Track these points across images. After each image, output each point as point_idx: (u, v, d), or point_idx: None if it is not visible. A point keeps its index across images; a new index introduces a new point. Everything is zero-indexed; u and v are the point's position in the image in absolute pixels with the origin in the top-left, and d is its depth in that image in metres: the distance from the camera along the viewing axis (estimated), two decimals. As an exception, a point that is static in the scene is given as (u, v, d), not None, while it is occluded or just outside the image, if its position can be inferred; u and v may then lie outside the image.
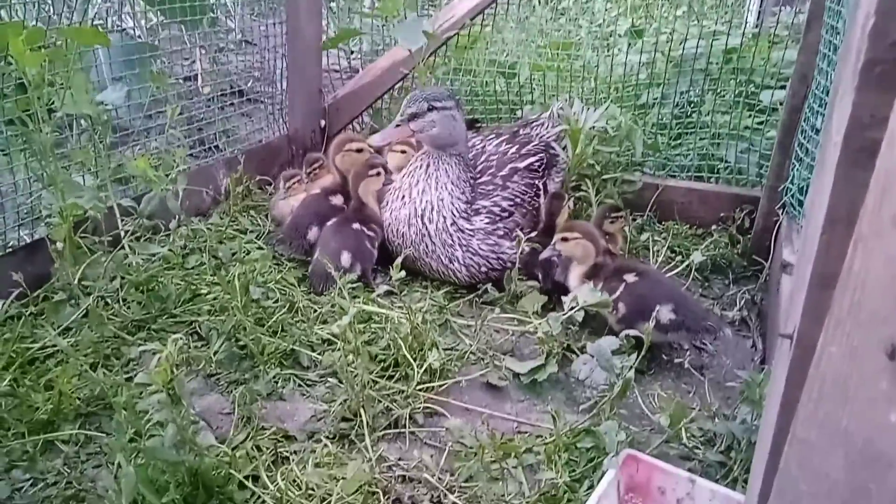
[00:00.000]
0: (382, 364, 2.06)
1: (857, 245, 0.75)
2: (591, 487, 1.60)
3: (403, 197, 2.54)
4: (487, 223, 2.53)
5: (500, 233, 2.53)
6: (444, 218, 2.49)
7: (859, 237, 0.75)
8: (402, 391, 1.96)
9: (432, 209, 2.49)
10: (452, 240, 2.48)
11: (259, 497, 1.63)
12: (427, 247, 2.50)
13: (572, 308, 2.14)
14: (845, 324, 0.76)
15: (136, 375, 1.90)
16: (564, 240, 2.30)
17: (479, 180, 2.62)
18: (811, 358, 0.82)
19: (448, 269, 2.51)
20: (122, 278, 2.23)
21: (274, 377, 2.00)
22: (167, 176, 2.28)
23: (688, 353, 2.12)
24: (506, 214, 2.56)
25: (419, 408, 1.93)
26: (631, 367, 1.80)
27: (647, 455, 1.62)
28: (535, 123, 2.95)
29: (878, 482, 0.71)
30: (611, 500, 1.58)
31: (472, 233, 2.50)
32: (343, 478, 1.63)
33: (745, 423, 1.68)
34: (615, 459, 1.61)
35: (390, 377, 2.02)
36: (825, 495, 0.77)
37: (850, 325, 0.76)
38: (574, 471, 1.68)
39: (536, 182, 2.69)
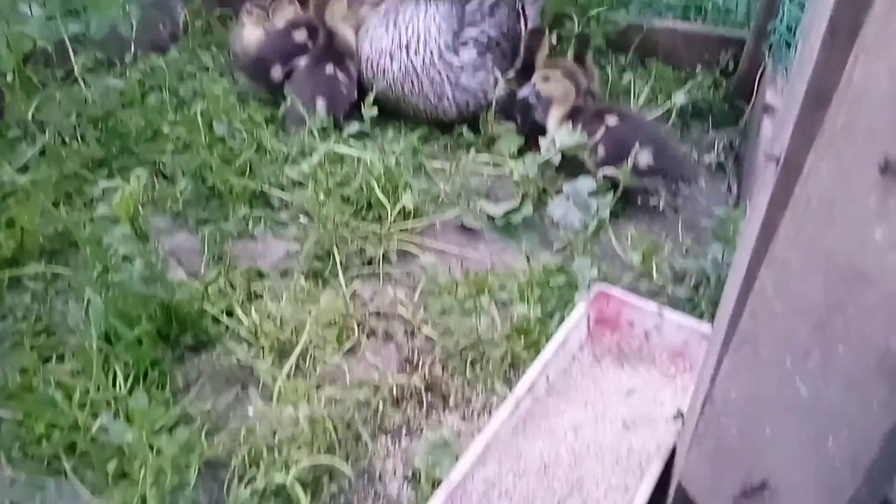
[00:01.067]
0: (355, 206, 2.02)
1: (858, 56, 0.71)
2: (562, 321, 1.63)
3: (386, 26, 2.36)
4: (476, 56, 2.39)
5: (489, 66, 2.40)
6: (432, 52, 2.33)
7: (862, 47, 0.70)
8: (376, 232, 1.94)
9: (419, 40, 2.32)
10: (441, 77, 2.35)
11: (233, 330, 1.64)
12: (412, 84, 2.36)
13: (549, 150, 2.10)
14: (837, 140, 0.73)
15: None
16: (545, 79, 2.21)
17: (466, 7, 2.44)
18: (797, 179, 0.79)
19: (437, 108, 2.39)
20: (78, 114, 2.12)
21: (244, 217, 1.96)
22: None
23: (663, 195, 2.11)
24: (494, 44, 2.42)
25: (393, 248, 1.92)
26: (606, 207, 1.78)
27: (618, 290, 1.65)
28: None
29: (855, 300, 0.71)
30: (581, 332, 1.62)
31: (460, 67, 2.37)
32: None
33: (716, 260, 1.70)
34: (586, 294, 1.63)
35: (363, 218, 2.00)
36: (800, 314, 0.77)
37: (842, 140, 0.73)
38: (546, 306, 1.70)
39: (517, 6, 2.53)
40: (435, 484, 1.35)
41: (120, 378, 1.48)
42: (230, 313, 1.68)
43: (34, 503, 1.32)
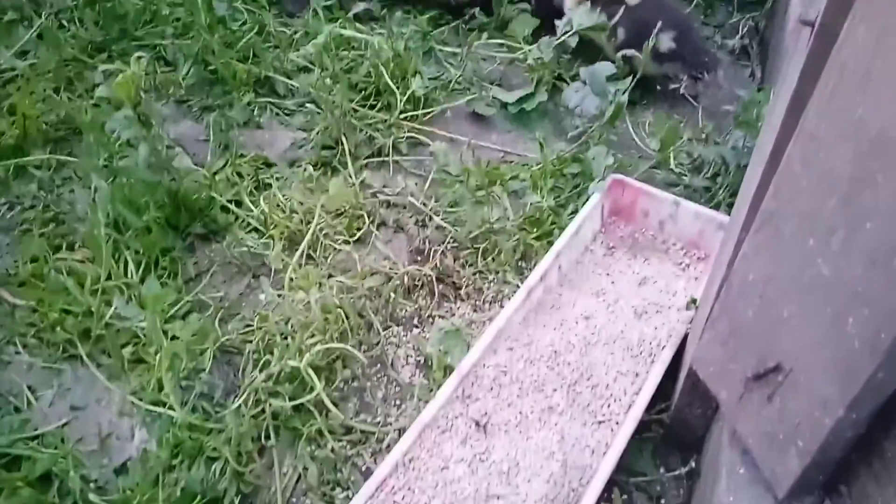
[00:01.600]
0: (363, 93, 1.96)
1: None
2: (576, 211, 1.60)
3: None
4: None
5: None
6: None
7: None
8: (385, 120, 1.88)
9: None
10: None
11: (243, 219, 1.63)
12: None
13: (566, 32, 2.00)
14: (877, 1, 0.67)
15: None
16: (561, -45, 2.08)
17: None
18: (832, 46, 0.74)
19: None
20: (74, -6, 2.04)
21: (249, 104, 1.91)
22: None
23: (683, 81, 2.02)
24: None
25: (402, 137, 1.87)
26: (624, 91, 1.71)
27: (634, 179, 1.60)
28: None
29: (886, 171, 0.67)
30: (594, 222, 1.59)
31: None
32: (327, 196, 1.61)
33: (736, 148, 1.65)
34: (601, 183, 1.59)
35: (372, 106, 1.93)
36: (827, 189, 0.73)
37: (882, 1, 0.67)
38: (559, 196, 1.67)
39: None
40: (446, 371, 1.36)
41: (131, 266, 1.48)
42: (239, 203, 1.66)
43: (52, 388, 1.35)
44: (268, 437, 1.28)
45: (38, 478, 1.18)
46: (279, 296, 1.46)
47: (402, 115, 1.89)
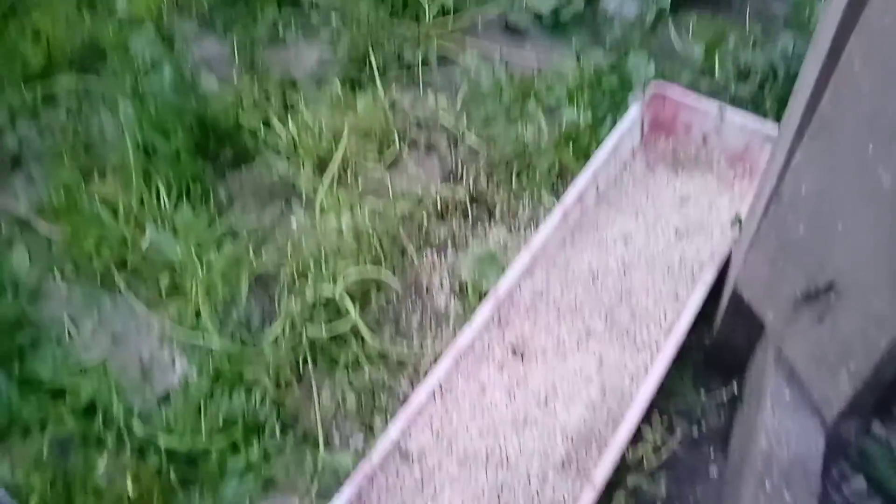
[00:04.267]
0: (390, 4, 1.87)
1: None
2: (614, 126, 1.53)
3: None
4: None
5: None
6: None
7: None
8: (413, 33, 1.80)
9: None
10: None
11: (272, 143, 1.59)
12: None
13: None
14: None
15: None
16: None
17: None
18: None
19: None
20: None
21: (273, 22, 1.84)
22: None
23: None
24: None
25: (432, 52, 1.80)
26: (668, -9, 1.60)
27: (675, 87, 1.51)
28: None
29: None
30: (634, 137, 1.52)
31: None
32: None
33: (786, 52, 1.53)
34: (641, 94, 1.51)
35: (399, 17, 1.85)
36: (890, 90, 0.66)
37: None
38: (597, 111, 1.59)
39: None
40: (482, 296, 1.34)
41: (163, 193, 1.46)
42: (267, 124, 1.62)
43: (92, 317, 1.36)
44: (306, 363, 1.29)
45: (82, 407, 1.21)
46: (311, 221, 1.44)
47: (431, 27, 1.80)
